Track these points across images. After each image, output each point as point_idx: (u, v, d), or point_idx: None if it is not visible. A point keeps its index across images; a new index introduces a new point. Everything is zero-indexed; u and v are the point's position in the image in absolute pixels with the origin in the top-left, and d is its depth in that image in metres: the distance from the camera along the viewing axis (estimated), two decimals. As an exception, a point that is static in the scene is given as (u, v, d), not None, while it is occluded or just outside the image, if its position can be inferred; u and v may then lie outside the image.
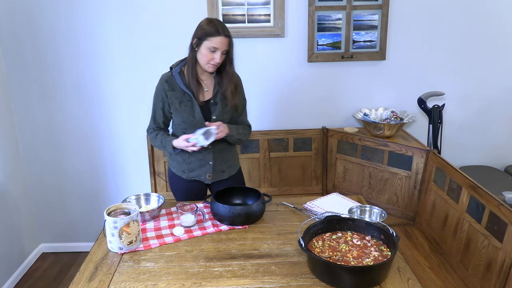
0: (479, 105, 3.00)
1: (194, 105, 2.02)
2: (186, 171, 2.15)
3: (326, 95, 2.93)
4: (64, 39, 2.76)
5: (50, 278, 2.88)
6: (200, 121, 2.02)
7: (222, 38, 1.91)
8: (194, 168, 2.14)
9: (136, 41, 2.78)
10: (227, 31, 1.93)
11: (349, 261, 1.52)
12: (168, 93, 2.04)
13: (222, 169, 2.16)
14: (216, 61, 1.94)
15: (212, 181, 2.16)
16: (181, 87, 2.02)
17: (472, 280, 1.94)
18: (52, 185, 3.03)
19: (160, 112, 2.10)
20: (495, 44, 2.88)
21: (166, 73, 2.08)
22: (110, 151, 2.99)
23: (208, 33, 1.90)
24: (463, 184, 2.08)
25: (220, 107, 2.05)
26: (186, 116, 2.03)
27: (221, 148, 2.11)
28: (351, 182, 2.80)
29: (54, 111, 2.89)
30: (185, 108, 2.03)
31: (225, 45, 1.93)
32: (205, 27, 1.92)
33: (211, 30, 1.90)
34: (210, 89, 2.07)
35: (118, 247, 1.68)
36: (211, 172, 2.13)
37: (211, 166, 2.12)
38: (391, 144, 2.59)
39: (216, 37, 1.90)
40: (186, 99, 2.03)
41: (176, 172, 2.19)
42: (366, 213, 1.96)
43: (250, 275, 1.54)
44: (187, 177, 2.16)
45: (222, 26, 1.92)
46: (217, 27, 1.91)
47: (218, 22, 1.94)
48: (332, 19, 2.78)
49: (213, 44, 1.90)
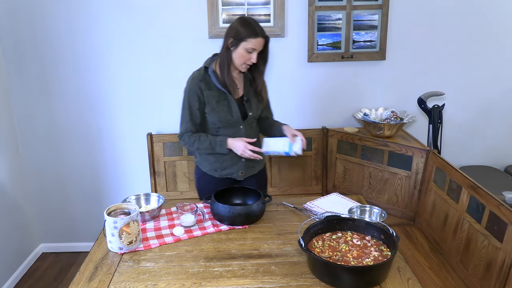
0: (479, 105, 3.00)
1: (231, 104, 2.03)
2: (218, 170, 2.15)
3: (326, 95, 2.93)
4: (64, 39, 2.76)
5: (50, 278, 2.88)
6: (237, 119, 2.04)
7: (261, 40, 1.92)
8: (227, 166, 2.14)
9: (136, 41, 2.78)
10: (264, 32, 1.94)
11: (349, 261, 1.52)
12: (205, 92, 2.02)
13: (252, 165, 2.18)
14: (252, 62, 1.96)
15: (244, 177, 2.18)
16: (217, 86, 2.02)
17: (472, 280, 1.94)
18: (52, 185, 3.03)
19: (197, 113, 2.05)
20: (495, 44, 2.89)
21: (198, 73, 2.05)
22: (110, 151, 2.99)
23: (247, 35, 1.90)
24: (463, 184, 2.08)
25: (254, 103, 2.09)
26: (224, 115, 2.03)
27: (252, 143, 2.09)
28: (351, 182, 2.80)
29: (54, 111, 2.89)
30: (223, 107, 2.02)
31: (262, 46, 1.96)
32: (243, 28, 1.91)
33: (249, 32, 1.90)
34: (241, 86, 2.09)
35: (118, 247, 1.68)
36: (244, 169, 2.15)
37: (243, 163, 2.13)
38: (391, 144, 2.59)
39: (255, 38, 1.91)
40: (222, 98, 2.03)
41: (208, 172, 2.18)
42: (366, 213, 1.96)
43: (250, 275, 1.54)
44: (219, 176, 2.16)
45: (259, 27, 1.93)
46: (255, 29, 1.91)
47: (255, 22, 1.94)
48: (332, 19, 2.78)
49: (252, 45, 1.91)
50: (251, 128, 2.13)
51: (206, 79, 2.03)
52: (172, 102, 2.90)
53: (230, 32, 1.94)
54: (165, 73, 2.85)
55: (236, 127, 2.07)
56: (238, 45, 1.92)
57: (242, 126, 2.07)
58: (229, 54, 1.96)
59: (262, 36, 1.92)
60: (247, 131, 2.10)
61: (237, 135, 2.07)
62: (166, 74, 2.85)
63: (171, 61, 2.83)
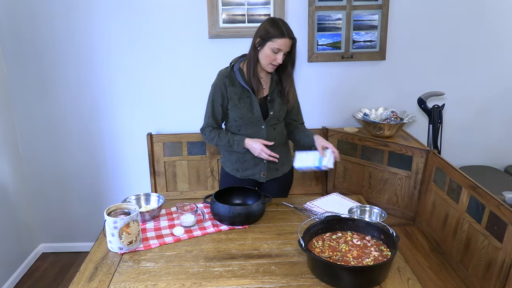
0: (479, 105, 3.00)
1: (253, 102, 2.03)
2: (240, 170, 2.16)
3: (326, 95, 2.93)
4: (64, 39, 2.76)
5: (50, 278, 2.88)
6: (258, 117, 2.04)
7: (287, 40, 1.91)
8: (249, 167, 2.14)
9: (136, 41, 2.78)
10: (291, 33, 1.93)
11: (349, 261, 1.52)
12: (228, 88, 2.04)
13: (276, 167, 2.16)
14: (278, 62, 1.95)
15: (267, 179, 2.16)
16: (241, 83, 2.03)
17: (472, 280, 1.94)
18: (52, 185, 3.03)
19: (219, 109, 2.09)
20: (495, 44, 2.89)
21: (225, 69, 2.08)
22: (110, 151, 2.99)
23: (273, 35, 1.90)
24: (463, 184, 2.08)
25: (277, 104, 2.07)
26: (245, 112, 2.03)
27: (275, 144, 2.10)
28: (351, 182, 2.80)
29: (54, 111, 2.89)
30: (244, 104, 2.03)
31: (288, 47, 1.93)
32: (270, 28, 1.91)
33: (276, 31, 1.90)
34: (267, 86, 2.08)
35: (118, 247, 1.68)
36: (266, 171, 2.14)
37: (265, 164, 2.12)
38: (391, 144, 2.59)
39: (281, 38, 1.90)
40: (245, 95, 2.03)
41: (230, 172, 2.19)
42: (366, 213, 1.96)
43: (250, 275, 1.54)
44: (241, 176, 2.16)
45: (286, 28, 1.92)
46: (282, 29, 1.90)
47: (283, 23, 1.93)
48: (332, 19, 2.78)
49: (277, 45, 1.91)
50: (274, 129, 2.10)
51: (231, 76, 2.05)
52: (172, 102, 2.90)
53: (258, 31, 1.95)
54: (165, 73, 2.85)
55: (258, 126, 2.06)
56: (264, 44, 1.93)
57: (264, 126, 2.06)
58: (256, 53, 1.97)
59: (289, 37, 1.91)
60: (269, 132, 2.08)
61: (258, 135, 2.06)
62: (166, 74, 2.85)
63: (171, 61, 2.83)
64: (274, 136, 2.10)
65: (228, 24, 2.74)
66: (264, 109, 2.06)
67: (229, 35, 2.75)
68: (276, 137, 2.11)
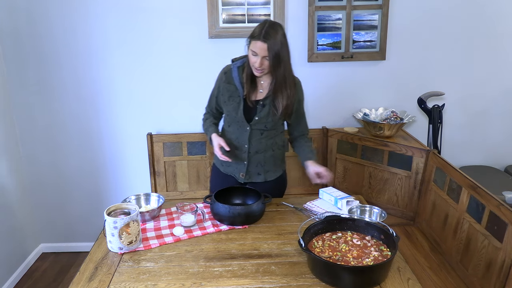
0: (479, 105, 3.00)
1: (240, 103, 2.01)
2: (224, 165, 2.16)
3: (326, 95, 2.93)
4: (64, 39, 2.76)
5: (50, 278, 2.88)
6: (241, 119, 2.02)
7: (260, 43, 1.81)
8: (231, 164, 2.13)
9: (136, 41, 2.78)
10: (269, 36, 1.80)
11: (349, 261, 1.52)
12: (223, 84, 2.04)
13: (257, 172, 2.11)
14: (256, 66, 1.87)
15: (246, 181, 2.13)
16: (235, 82, 2.01)
17: (472, 280, 1.94)
18: (52, 185, 3.03)
19: (213, 100, 2.14)
20: (495, 44, 2.88)
21: (228, 65, 2.07)
22: (110, 151, 2.99)
23: (251, 35, 1.86)
24: (463, 184, 2.08)
25: (266, 110, 1.99)
26: (231, 110, 2.03)
27: (259, 149, 2.07)
28: (351, 182, 2.79)
29: (54, 111, 2.89)
30: (232, 103, 2.02)
31: (263, 51, 1.82)
32: (254, 29, 1.86)
33: (255, 31, 1.85)
34: (265, 91, 2.01)
35: (118, 247, 1.68)
36: (245, 172, 2.11)
37: (245, 166, 2.10)
38: (391, 144, 2.59)
39: (255, 40, 1.83)
40: (236, 95, 2.02)
41: (216, 163, 2.22)
42: (366, 213, 1.96)
43: (250, 275, 1.54)
44: (224, 171, 2.17)
45: (266, 30, 1.81)
46: (259, 30, 1.82)
47: (269, 24, 1.84)
48: (332, 19, 2.78)
49: (252, 47, 1.86)
50: (261, 134, 2.04)
51: (229, 72, 2.04)
52: (172, 102, 2.90)
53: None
54: (165, 73, 2.85)
55: (243, 127, 2.04)
56: (248, 46, 1.89)
57: (249, 129, 2.02)
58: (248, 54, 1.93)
59: (262, 40, 1.80)
60: (254, 136, 2.04)
61: (242, 136, 2.05)
62: (166, 74, 2.85)
63: (171, 61, 2.83)
64: (259, 141, 2.05)
65: (228, 24, 2.74)
66: (252, 113, 2.02)
67: (229, 35, 2.75)
68: (261, 143, 2.06)
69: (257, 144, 2.06)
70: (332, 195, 2.06)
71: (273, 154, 2.12)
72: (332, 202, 2.05)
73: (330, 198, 2.06)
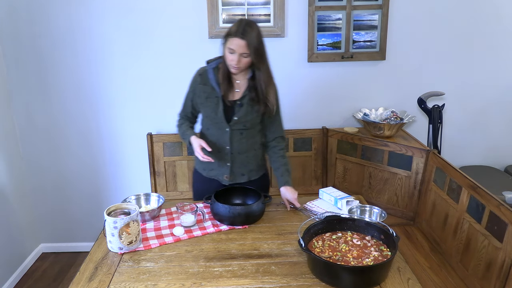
0: (479, 105, 3.00)
1: (219, 103, 1.99)
2: (206, 169, 2.14)
3: (326, 95, 2.93)
4: (64, 39, 2.76)
5: (50, 278, 2.88)
6: (221, 119, 2.00)
7: (238, 40, 1.82)
8: (214, 167, 2.11)
9: (136, 41, 2.78)
10: (246, 33, 1.81)
11: (349, 261, 1.52)
12: (199, 86, 2.03)
13: (241, 172, 2.10)
14: (233, 64, 1.88)
15: (230, 182, 2.11)
16: (212, 83, 2.00)
17: (472, 280, 1.94)
18: (52, 185, 3.03)
19: (189, 103, 2.11)
20: (494, 44, 2.88)
21: (203, 67, 2.06)
22: (110, 151, 2.99)
23: (228, 33, 1.86)
24: (463, 184, 2.08)
25: (245, 109, 1.98)
26: (209, 112, 2.02)
27: (241, 150, 2.06)
28: (351, 182, 2.80)
29: (54, 111, 2.89)
30: (210, 104, 2.01)
31: (242, 48, 1.83)
32: (231, 27, 1.86)
33: (231, 30, 1.85)
34: (242, 90, 2.01)
35: (118, 247, 1.68)
36: (229, 174, 2.09)
37: (229, 167, 2.08)
38: (391, 144, 2.59)
39: (233, 38, 1.83)
40: (213, 96, 2.00)
41: (198, 169, 2.19)
42: (366, 213, 1.96)
43: (250, 275, 1.54)
44: (207, 175, 2.15)
45: (243, 28, 1.82)
46: (237, 28, 1.83)
47: (246, 22, 1.85)
48: (332, 19, 2.78)
49: (229, 44, 1.85)
50: (241, 134, 2.03)
51: (205, 74, 2.03)
52: (172, 102, 2.89)
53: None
54: (165, 73, 2.85)
55: (222, 128, 2.02)
56: (224, 44, 1.89)
57: (228, 129, 2.01)
58: (224, 53, 1.93)
59: (240, 37, 1.81)
60: (234, 136, 2.02)
61: (223, 137, 2.03)
62: (166, 74, 2.85)
63: (171, 61, 2.83)
64: (240, 141, 2.04)
65: (228, 24, 2.74)
66: (231, 113, 2.01)
67: (229, 35, 2.75)
68: (243, 143, 2.05)
69: (239, 144, 2.05)
70: (332, 195, 2.06)
71: (255, 154, 2.12)
72: (332, 202, 2.05)
73: (330, 198, 2.06)
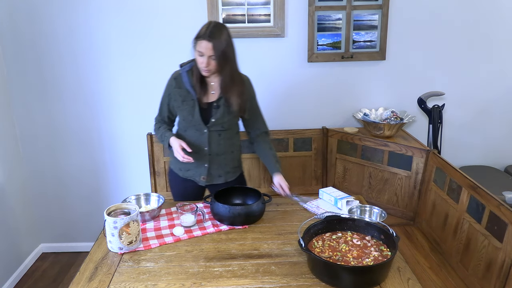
0: (479, 105, 3.00)
1: (195, 106, 2.00)
2: (182, 169, 2.15)
3: (326, 95, 2.93)
4: (64, 39, 2.76)
5: (50, 278, 2.88)
6: (198, 121, 2.01)
7: (205, 43, 1.82)
8: (190, 168, 2.12)
9: (136, 41, 2.78)
10: (214, 35, 1.82)
11: (349, 261, 1.52)
12: (174, 90, 2.04)
13: (218, 174, 2.12)
14: (203, 66, 1.88)
15: (207, 183, 2.13)
16: (186, 86, 2.01)
17: (472, 280, 1.94)
18: (52, 185, 3.03)
19: (165, 107, 2.12)
20: (495, 44, 2.88)
21: (177, 70, 2.07)
22: (110, 151, 2.99)
23: (196, 35, 1.86)
24: (463, 184, 2.08)
25: (221, 111, 2.00)
26: (186, 114, 2.03)
27: (219, 151, 2.08)
28: (351, 182, 2.80)
29: (54, 111, 2.89)
30: (186, 107, 2.01)
31: (209, 50, 1.83)
32: (200, 28, 1.87)
33: (200, 32, 1.85)
34: (217, 92, 2.01)
35: (118, 247, 1.68)
36: (206, 175, 2.10)
37: (206, 168, 2.09)
38: (391, 144, 2.59)
39: (200, 40, 1.83)
40: (189, 98, 2.01)
41: (174, 169, 2.19)
42: (366, 213, 1.96)
43: (250, 275, 1.54)
44: (183, 176, 2.16)
45: (211, 30, 1.83)
46: (204, 30, 1.83)
47: (214, 24, 1.86)
48: (332, 19, 2.78)
49: (197, 47, 1.86)
50: (219, 135, 2.04)
51: (179, 77, 2.04)
52: (172, 102, 2.90)
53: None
54: (165, 73, 2.82)
55: (200, 130, 2.03)
56: (194, 46, 1.88)
57: (206, 131, 2.02)
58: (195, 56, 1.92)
59: (207, 39, 1.81)
60: (212, 138, 2.04)
61: (201, 139, 2.04)
62: (166, 74, 2.83)
63: (171, 61, 2.82)
64: (218, 142, 2.05)
65: (228, 24, 2.72)
66: (208, 115, 2.01)
67: (229, 35, 2.75)
68: (221, 144, 2.06)
69: (217, 146, 2.06)
70: (332, 195, 2.06)
71: (233, 156, 2.14)
72: (332, 202, 2.05)
73: (330, 198, 2.06)
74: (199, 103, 2.00)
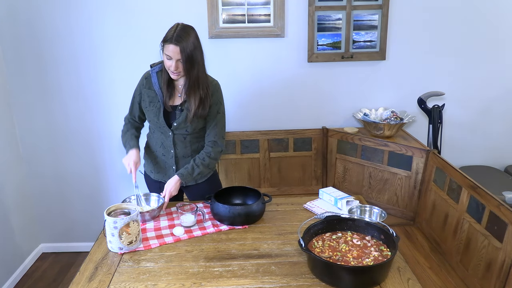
0: (479, 105, 3.00)
1: (161, 108, 1.99)
2: (153, 172, 2.16)
3: (326, 95, 2.93)
4: (64, 39, 2.76)
5: (50, 278, 2.88)
6: (163, 124, 2.00)
7: (172, 46, 1.80)
8: (160, 170, 2.14)
9: (136, 41, 2.78)
10: (181, 39, 1.79)
11: (349, 261, 1.52)
12: (144, 90, 2.04)
13: None
14: (171, 70, 1.86)
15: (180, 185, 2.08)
16: (155, 87, 2.00)
17: (472, 280, 1.94)
18: (52, 185, 3.03)
19: (136, 106, 2.11)
20: (495, 44, 2.88)
21: (148, 71, 2.06)
22: (110, 151, 2.99)
23: (164, 39, 1.85)
24: (463, 184, 2.08)
25: (184, 115, 1.97)
26: (152, 116, 2.02)
27: (185, 154, 2.07)
28: (351, 182, 2.80)
29: (54, 111, 2.89)
30: (153, 108, 2.01)
31: (177, 54, 1.81)
32: (167, 31, 1.85)
33: (166, 35, 1.84)
34: (183, 95, 1.98)
35: (118, 247, 1.68)
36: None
37: (174, 171, 2.09)
38: (391, 144, 2.59)
39: (168, 44, 1.81)
40: (156, 100, 2.01)
41: (147, 171, 2.21)
42: (366, 213, 1.96)
43: (250, 275, 1.54)
44: (154, 178, 2.17)
45: (177, 33, 1.80)
46: (171, 33, 1.81)
47: (181, 27, 1.84)
48: (332, 19, 2.78)
49: (165, 51, 1.84)
50: (184, 139, 2.03)
51: (149, 78, 2.03)
52: (172, 102, 2.90)
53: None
54: (165, 73, 2.85)
55: (166, 133, 2.03)
56: (162, 50, 1.87)
57: (171, 134, 2.02)
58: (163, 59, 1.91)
59: (174, 43, 1.79)
60: (177, 141, 2.04)
61: (167, 141, 2.04)
62: (166, 74, 2.85)
63: (171, 61, 2.83)
64: (184, 145, 2.05)
65: (228, 24, 2.74)
66: (172, 118, 2.00)
67: (229, 35, 2.75)
68: (187, 147, 2.06)
69: (183, 148, 2.06)
70: (332, 195, 2.06)
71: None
72: (332, 202, 2.05)
73: (330, 198, 2.06)
74: (165, 106, 1.98)
